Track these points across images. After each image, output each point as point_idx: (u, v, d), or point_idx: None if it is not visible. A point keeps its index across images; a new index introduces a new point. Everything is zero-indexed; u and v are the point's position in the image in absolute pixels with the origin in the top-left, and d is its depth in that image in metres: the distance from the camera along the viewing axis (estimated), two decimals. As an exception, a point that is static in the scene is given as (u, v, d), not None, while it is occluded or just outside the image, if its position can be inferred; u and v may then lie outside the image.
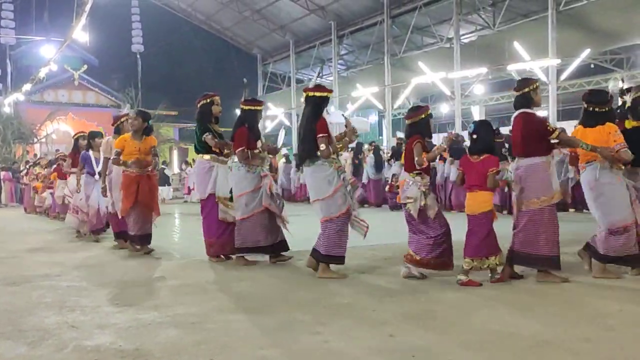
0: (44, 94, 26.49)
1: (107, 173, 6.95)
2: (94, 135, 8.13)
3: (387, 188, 12.00)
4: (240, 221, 5.46)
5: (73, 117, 26.46)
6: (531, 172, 4.45)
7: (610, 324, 3.27)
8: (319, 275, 4.80)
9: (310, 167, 4.91)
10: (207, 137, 5.62)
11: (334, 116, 23.23)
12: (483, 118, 23.93)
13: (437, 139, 14.74)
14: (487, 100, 25.68)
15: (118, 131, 7.03)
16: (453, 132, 15.89)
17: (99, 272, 5.48)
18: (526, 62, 17.20)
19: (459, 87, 19.49)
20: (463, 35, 19.79)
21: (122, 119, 7.08)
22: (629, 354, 2.80)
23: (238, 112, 5.69)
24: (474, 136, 4.56)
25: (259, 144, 5.58)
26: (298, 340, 3.05)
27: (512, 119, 4.71)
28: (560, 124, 12.03)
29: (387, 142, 20.18)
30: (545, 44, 16.07)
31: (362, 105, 24.12)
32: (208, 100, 5.83)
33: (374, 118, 27.17)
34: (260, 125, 5.84)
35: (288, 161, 18.25)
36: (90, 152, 7.87)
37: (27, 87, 21.10)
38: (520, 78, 5.13)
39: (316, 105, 5.01)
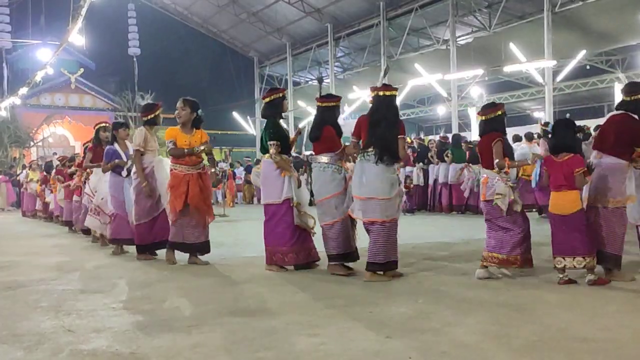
0: (41, 97, 26.44)
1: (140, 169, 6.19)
2: (118, 126, 7.16)
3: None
4: (331, 226, 5.06)
5: (70, 120, 26.43)
6: (611, 172, 4.50)
7: (606, 324, 3.27)
8: (368, 279, 4.68)
9: (378, 166, 4.69)
10: (272, 147, 5.14)
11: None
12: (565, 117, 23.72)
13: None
14: (484, 102, 25.70)
15: (152, 123, 6.32)
16: (440, 134, 16.00)
17: (95, 275, 5.47)
18: (522, 64, 17.27)
19: (455, 89, 19.52)
20: (459, 37, 19.83)
21: (158, 111, 6.34)
22: (626, 354, 2.80)
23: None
24: (553, 136, 4.61)
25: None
26: (294, 343, 3.05)
27: (608, 115, 4.82)
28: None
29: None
30: (541, 46, 16.12)
31: (359, 107, 24.12)
32: (280, 95, 5.40)
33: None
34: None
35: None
36: (116, 146, 6.90)
37: (23, 90, 21.02)
38: (631, 82, 5.09)
39: (393, 105, 4.89)
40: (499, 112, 4.80)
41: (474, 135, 18.65)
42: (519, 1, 17.60)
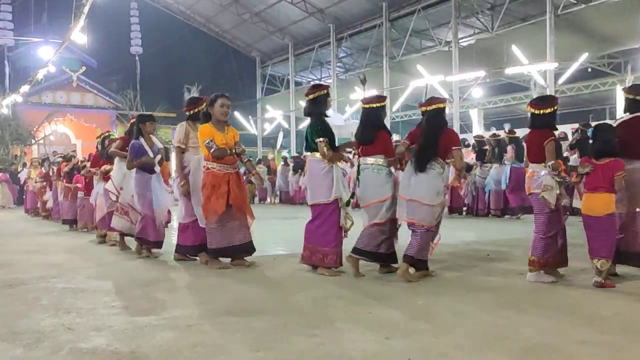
0: (42, 95, 26.44)
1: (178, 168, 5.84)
2: (145, 119, 6.52)
3: None
4: (377, 226, 4.98)
5: (71, 118, 26.43)
6: (635, 175, 4.58)
7: (606, 327, 3.27)
8: (401, 274, 4.74)
9: (426, 174, 4.79)
10: (322, 143, 4.98)
11: (333, 119, 23.34)
12: (602, 122, 23.77)
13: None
14: (485, 104, 25.70)
15: (195, 118, 5.91)
16: None
17: (95, 274, 5.46)
18: (524, 66, 17.26)
19: (457, 91, 19.53)
20: (461, 38, 19.84)
21: (201, 105, 5.82)
22: (626, 357, 2.80)
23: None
24: (595, 139, 4.66)
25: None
26: (294, 343, 3.05)
27: (620, 119, 4.94)
28: (559, 127, 12.10)
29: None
30: (543, 48, 16.12)
31: (361, 108, 24.12)
32: (324, 92, 5.20)
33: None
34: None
35: (286, 164, 18.26)
36: (142, 141, 6.37)
37: (25, 88, 21.08)
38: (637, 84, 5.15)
39: (441, 115, 4.96)
40: (555, 107, 4.82)
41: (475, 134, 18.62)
42: (522, 3, 17.60)
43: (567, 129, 13.58)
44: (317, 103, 5.18)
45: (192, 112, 5.95)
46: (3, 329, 3.40)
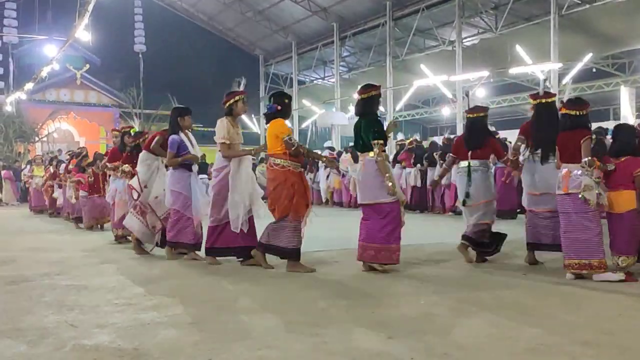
0: (46, 93, 26.49)
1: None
2: (184, 112, 6.10)
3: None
4: (488, 225, 5.59)
5: (75, 116, 26.48)
6: None
7: (609, 328, 3.27)
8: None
9: (547, 165, 5.20)
10: (377, 146, 4.99)
11: (337, 117, 23.35)
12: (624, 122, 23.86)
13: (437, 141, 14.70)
14: (489, 104, 25.65)
15: (228, 112, 5.62)
16: (445, 135, 15.95)
17: (98, 271, 5.48)
18: (528, 66, 17.23)
19: (460, 90, 19.49)
20: (465, 38, 19.79)
21: (238, 97, 5.61)
22: (629, 358, 2.80)
23: None
24: (615, 139, 4.85)
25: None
26: (296, 341, 3.05)
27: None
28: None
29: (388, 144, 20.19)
30: (547, 48, 16.07)
31: (364, 107, 24.11)
32: (377, 92, 5.26)
33: (375, 120, 27.17)
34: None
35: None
36: (182, 135, 6.05)
37: (29, 86, 21.12)
38: None
39: (553, 110, 5.24)
40: (588, 109, 4.91)
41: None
42: (526, 3, 17.55)
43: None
44: (370, 103, 5.25)
45: (225, 105, 5.61)
46: (7, 325, 3.42)
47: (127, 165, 7.08)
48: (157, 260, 6.13)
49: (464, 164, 5.73)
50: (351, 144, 5.45)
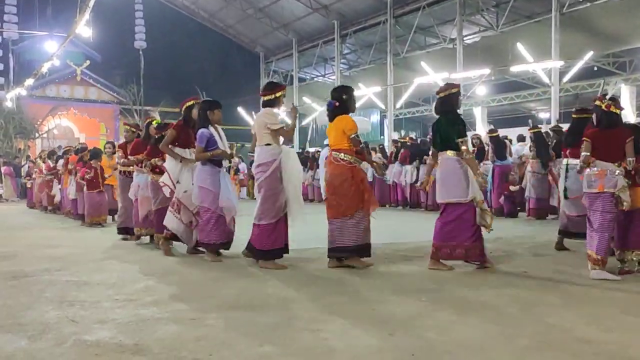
0: (46, 89, 26.49)
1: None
2: (214, 105, 5.81)
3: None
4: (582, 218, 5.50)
5: (75, 112, 26.48)
6: None
7: (610, 326, 3.27)
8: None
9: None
10: (464, 144, 4.99)
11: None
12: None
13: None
14: (490, 102, 25.63)
15: (271, 105, 5.39)
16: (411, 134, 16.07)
17: (98, 267, 5.48)
18: (529, 64, 17.21)
19: (461, 88, 19.46)
20: (466, 36, 19.77)
21: (279, 92, 5.39)
22: (630, 356, 2.80)
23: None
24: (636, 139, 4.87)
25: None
26: (297, 338, 3.05)
27: None
28: (563, 126, 12.08)
29: (389, 142, 20.17)
30: (548, 46, 16.06)
31: (364, 104, 24.10)
32: (458, 89, 5.25)
33: (375, 118, 27.16)
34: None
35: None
36: (212, 130, 5.75)
37: (29, 82, 21.10)
38: None
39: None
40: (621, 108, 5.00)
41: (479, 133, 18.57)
42: (527, 1, 17.52)
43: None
44: (451, 100, 5.22)
45: (266, 98, 5.40)
46: (7, 320, 3.42)
47: (156, 159, 6.57)
48: (157, 257, 6.13)
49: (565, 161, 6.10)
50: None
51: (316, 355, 2.80)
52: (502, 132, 12.39)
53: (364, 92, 22.25)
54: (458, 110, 5.29)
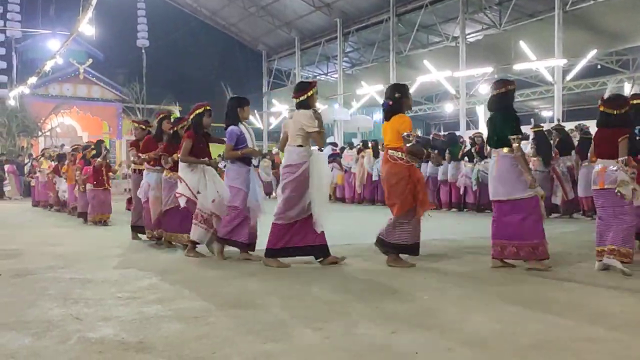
0: (49, 87, 26.50)
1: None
2: (243, 103, 5.68)
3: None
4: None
5: (77, 111, 26.49)
6: None
7: (613, 324, 3.27)
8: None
9: None
10: (517, 141, 4.94)
11: (339, 113, 23.32)
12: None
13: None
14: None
15: (306, 106, 5.24)
16: (434, 131, 16.02)
17: (102, 265, 5.50)
18: (532, 62, 17.17)
19: (464, 86, 19.45)
20: (469, 34, 19.74)
21: (311, 91, 5.26)
22: (633, 354, 2.80)
23: None
24: None
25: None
26: (300, 336, 3.06)
27: None
28: (565, 125, 12.06)
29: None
30: (551, 44, 16.02)
31: (367, 103, 24.12)
32: (514, 87, 5.18)
33: (378, 116, 27.18)
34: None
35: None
36: (242, 127, 5.62)
37: (32, 80, 21.15)
38: None
39: None
40: (628, 107, 4.96)
41: (481, 131, 18.54)
42: (530, -1, 17.51)
43: (572, 127, 13.50)
44: (507, 98, 5.15)
45: (300, 99, 5.28)
46: (11, 318, 3.43)
47: (175, 155, 6.30)
48: (161, 255, 6.15)
49: None
50: (354, 140, 5.13)
51: (318, 353, 2.81)
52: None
53: (367, 90, 22.24)
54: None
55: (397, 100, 5.27)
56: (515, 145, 4.95)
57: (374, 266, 5.19)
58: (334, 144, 17.50)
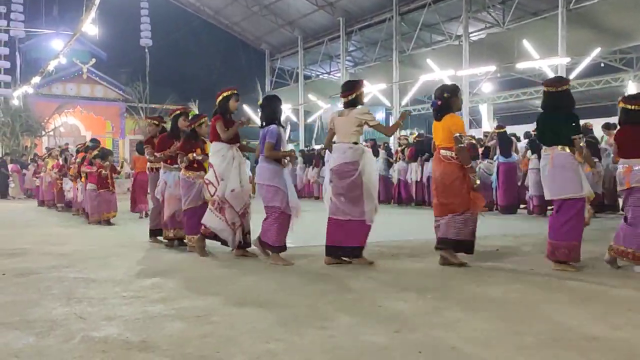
0: (53, 87, 26.60)
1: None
2: (281, 102, 5.72)
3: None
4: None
5: (81, 110, 26.57)
6: None
7: (617, 323, 3.25)
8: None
9: None
10: (581, 140, 4.93)
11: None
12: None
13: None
14: (495, 99, 25.56)
15: (355, 102, 5.33)
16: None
17: (106, 264, 5.51)
18: (535, 61, 17.13)
19: (467, 85, 19.42)
20: (472, 32, 19.71)
21: (361, 88, 5.33)
22: (637, 353, 2.79)
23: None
24: None
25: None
26: (303, 335, 3.06)
27: None
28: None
29: (394, 140, 20.15)
30: (554, 43, 15.98)
31: (370, 102, 24.04)
32: (570, 85, 5.16)
33: (381, 115, 27.12)
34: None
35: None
36: (281, 128, 5.52)
37: (36, 80, 21.21)
38: None
39: None
40: None
41: (484, 129, 18.52)
42: (533, -3, 17.46)
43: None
44: (567, 96, 5.06)
45: (348, 98, 5.32)
46: (15, 317, 3.44)
47: (193, 153, 6.18)
48: (164, 254, 6.16)
49: None
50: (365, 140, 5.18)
51: (322, 352, 2.80)
52: (508, 130, 12.34)
53: (370, 89, 22.21)
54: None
55: (446, 100, 5.27)
56: (582, 144, 4.97)
57: (378, 265, 5.18)
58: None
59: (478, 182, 5.08)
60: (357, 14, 23.09)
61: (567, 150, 4.89)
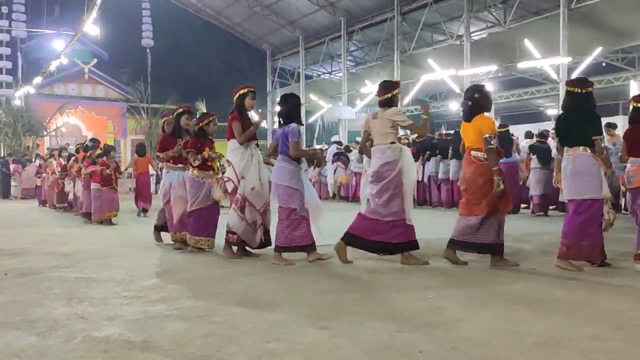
0: (54, 87, 26.60)
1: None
2: (300, 100, 5.68)
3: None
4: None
5: (82, 110, 26.58)
6: None
7: (619, 322, 3.25)
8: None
9: None
10: (601, 141, 4.91)
11: (344, 112, 23.31)
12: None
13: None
14: (497, 98, 25.48)
15: (390, 103, 5.30)
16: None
17: (107, 264, 5.51)
18: (537, 60, 17.09)
19: (468, 85, 19.36)
20: (473, 32, 19.67)
21: (397, 89, 5.36)
22: (639, 353, 2.78)
23: None
24: None
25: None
26: (304, 335, 3.06)
27: None
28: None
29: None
30: (556, 42, 15.94)
31: (371, 101, 24.04)
32: (592, 87, 5.11)
33: (382, 115, 27.17)
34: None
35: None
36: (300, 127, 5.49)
37: (37, 80, 21.23)
38: None
39: None
40: None
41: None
42: (535, -3, 17.42)
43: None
44: (590, 97, 5.07)
45: (384, 97, 5.32)
46: (17, 317, 3.44)
47: (205, 151, 6.06)
48: (165, 254, 6.16)
49: None
50: (358, 139, 5.13)
51: (323, 352, 2.80)
52: (509, 129, 12.32)
53: (371, 89, 22.17)
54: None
55: (476, 101, 5.24)
56: (603, 145, 4.96)
57: (378, 265, 5.18)
58: (339, 143, 17.48)
59: (502, 186, 4.96)
60: (358, 14, 23.07)
61: (589, 151, 4.88)
